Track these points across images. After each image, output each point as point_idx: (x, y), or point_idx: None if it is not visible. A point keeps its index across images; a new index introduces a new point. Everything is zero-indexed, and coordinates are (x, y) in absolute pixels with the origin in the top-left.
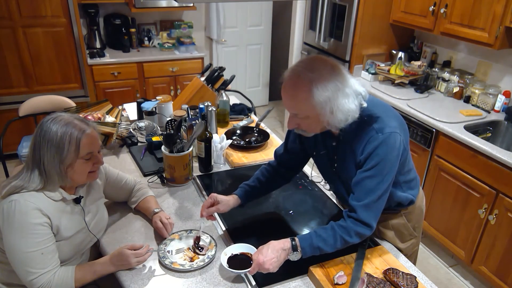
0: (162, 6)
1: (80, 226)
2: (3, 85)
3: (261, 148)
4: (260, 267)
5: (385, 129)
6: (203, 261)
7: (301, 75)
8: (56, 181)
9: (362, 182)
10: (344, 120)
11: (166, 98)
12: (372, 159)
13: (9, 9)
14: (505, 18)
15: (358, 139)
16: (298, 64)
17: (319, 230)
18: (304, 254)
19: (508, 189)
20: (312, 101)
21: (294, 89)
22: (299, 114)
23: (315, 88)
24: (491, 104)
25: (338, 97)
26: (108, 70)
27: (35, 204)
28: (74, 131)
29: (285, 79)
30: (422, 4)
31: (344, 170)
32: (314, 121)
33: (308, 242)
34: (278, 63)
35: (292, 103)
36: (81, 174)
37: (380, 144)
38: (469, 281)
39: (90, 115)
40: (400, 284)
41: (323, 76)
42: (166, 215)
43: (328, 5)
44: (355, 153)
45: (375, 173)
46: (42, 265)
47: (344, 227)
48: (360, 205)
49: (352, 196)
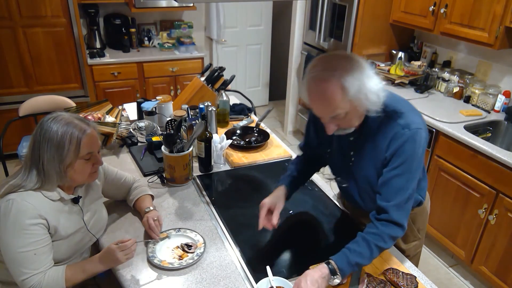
0: (162, 6)
1: (78, 226)
2: (3, 85)
3: (261, 148)
4: None
5: (411, 125)
6: (192, 259)
7: (327, 77)
8: (54, 180)
9: (391, 181)
10: (377, 100)
11: (166, 98)
12: (399, 157)
13: (9, 9)
14: (505, 18)
15: (382, 135)
16: (314, 70)
17: (351, 246)
18: (343, 275)
19: (508, 189)
20: (348, 97)
21: (326, 93)
22: (338, 114)
23: (346, 83)
24: (491, 104)
25: (365, 82)
26: (108, 70)
27: (33, 203)
28: (75, 131)
29: (311, 87)
30: (422, 4)
31: (361, 167)
32: (354, 115)
33: (345, 261)
34: (278, 63)
35: (330, 108)
36: (81, 174)
37: (406, 140)
38: (469, 281)
39: (90, 115)
40: (400, 284)
41: (346, 68)
42: (155, 215)
43: (328, 5)
44: (378, 149)
45: (403, 171)
46: (34, 266)
47: (376, 234)
48: (391, 205)
49: (380, 196)
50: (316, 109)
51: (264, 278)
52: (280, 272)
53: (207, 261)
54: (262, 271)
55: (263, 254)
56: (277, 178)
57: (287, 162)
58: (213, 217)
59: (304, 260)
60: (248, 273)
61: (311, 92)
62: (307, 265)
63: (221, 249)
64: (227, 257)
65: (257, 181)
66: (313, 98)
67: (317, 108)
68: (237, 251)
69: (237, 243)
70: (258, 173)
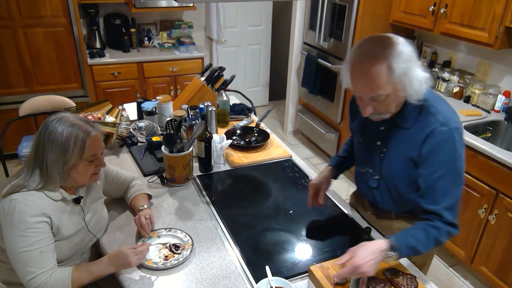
0: (162, 6)
1: (79, 226)
2: (3, 85)
3: (261, 148)
4: (355, 270)
5: (450, 123)
6: (177, 260)
7: (375, 55)
8: (57, 181)
9: (435, 184)
10: (419, 89)
11: (166, 98)
12: (438, 156)
13: (9, 9)
14: (505, 18)
15: (417, 128)
16: (363, 47)
17: (410, 230)
18: (400, 254)
19: (508, 189)
20: (392, 78)
21: (372, 70)
22: (379, 96)
23: (393, 62)
24: (491, 104)
25: (412, 67)
26: (108, 70)
27: (35, 203)
28: (80, 132)
29: (356, 63)
30: (422, 4)
31: (390, 159)
32: (393, 99)
33: (404, 241)
34: (278, 63)
35: (372, 87)
36: (84, 176)
37: (445, 140)
38: (469, 281)
39: (90, 115)
40: (400, 284)
41: (396, 49)
42: (147, 213)
43: (328, 5)
44: (411, 142)
45: (446, 172)
46: (40, 265)
47: (435, 227)
48: (440, 208)
49: (426, 200)
50: (357, 87)
51: (264, 278)
52: (280, 272)
53: (207, 261)
54: (262, 271)
55: (263, 254)
56: (277, 178)
57: (287, 162)
58: (213, 217)
59: (304, 260)
60: (248, 273)
61: (355, 68)
62: (307, 265)
63: (221, 249)
64: (227, 257)
65: (257, 181)
66: (357, 74)
67: (358, 86)
68: (237, 251)
69: (237, 243)
70: (258, 173)
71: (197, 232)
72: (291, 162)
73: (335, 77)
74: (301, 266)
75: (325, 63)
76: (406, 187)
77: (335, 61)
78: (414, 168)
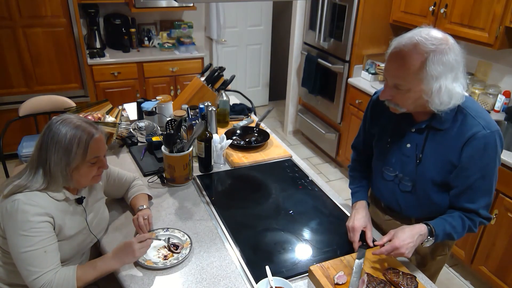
0: (162, 6)
1: (81, 226)
2: (3, 85)
3: (261, 148)
4: (395, 251)
5: (492, 126)
6: (176, 259)
7: (420, 44)
8: (60, 182)
9: (475, 184)
10: (447, 102)
11: (166, 98)
12: (482, 159)
13: (9, 9)
14: (505, 18)
15: (457, 130)
16: (416, 32)
17: (448, 218)
18: (436, 239)
19: (508, 189)
20: (422, 74)
21: (407, 56)
22: (401, 85)
23: (430, 60)
24: (491, 104)
25: (449, 76)
26: (108, 70)
27: (38, 203)
28: (83, 134)
29: (398, 45)
30: (422, 4)
31: (426, 161)
32: (414, 96)
33: (441, 228)
34: (278, 63)
35: (400, 72)
36: (86, 177)
37: (489, 142)
38: (469, 281)
39: (90, 115)
40: (400, 284)
41: (443, 50)
42: (146, 213)
43: (328, 5)
44: (450, 144)
45: (486, 173)
46: (44, 264)
47: (471, 220)
48: (478, 206)
49: (464, 198)
50: (388, 68)
51: (264, 278)
52: (280, 272)
53: (207, 261)
54: (262, 271)
55: (263, 254)
56: (277, 178)
57: (287, 162)
58: (213, 217)
59: (304, 260)
60: (248, 273)
61: (396, 48)
62: (307, 265)
63: (221, 249)
64: (227, 257)
65: (257, 181)
66: (393, 55)
67: (389, 66)
68: (237, 251)
69: (237, 243)
70: (258, 173)
71: (197, 232)
72: (291, 162)
73: (335, 77)
74: (301, 266)
75: (325, 63)
76: (437, 191)
77: (335, 61)
78: (450, 171)
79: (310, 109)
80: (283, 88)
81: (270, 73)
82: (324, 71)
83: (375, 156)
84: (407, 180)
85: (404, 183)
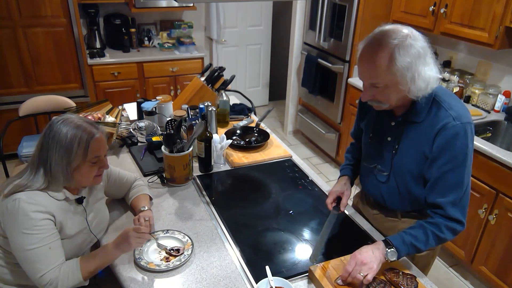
0: (162, 6)
1: (82, 226)
2: (3, 85)
3: (261, 148)
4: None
5: (463, 118)
6: (179, 261)
7: (382, 41)
8: (61, 182)
9: (444, 176)
10: (424, 88)
11: (166, 98)
12: (450, 150)
13: (9, 9)
14: (505, 18)
15: (429, 123)
16: (377, 32)
17: (407, 229)
18: (400, 253)
19: (508, 189)
20: (393, 68)
21: (374, 56)
22: (378, 83)
23: (397, 53)
24: (491, 104)
25: (419, 63)
26: (108, 70)
27: (39, 202)
28: (84, 134)
29: (364, 47)
30: (422, 4)
31: (402, 155)
32: (393, 90)
33: (399, 239)
34: (278, 63)
35: (372, 72)
36: (87, 177)
37: (458, 134)
38: (469, 281)
39: (90, 115)
40: (400, 284)
41: (405, 41)
42: (147, 215)
43: (328, 5)
44: (422, 137)
45: (456, 165)
46: (50, 261)
47: (433, 224)
48: (446, 201)
49: (433, 193)
50: (359, 70)
51: (264, 278)
52: (280, 272)
53: (207, 261)
54: (262, 271)
55: (263, 254)
56: (277, 178)
57: (287, 162)
58: (213, 217)
59: (304, 261)
60: (248, 273)
61: (362, 52)
62: (307, 265)
63: (221, 249)
64: (227, 257)
65: (257, 181)
66: (362, 57)
67: (361, 69)
68: (237, 251)
69: (237, 243)
70: (258, 173)
71: (197, 232)
72: (291, 162)
73: (335, 77)
74: (301, 266)
75: (325, 63)
76: (415, 183)
77: (335, 61)
78: (424, 163)
79: (310, 109)
80: (283, 88)
81: (270, 73)
82: (324, 71)
83: (362, 151)
84: (383, 171)
85: (380, 174)
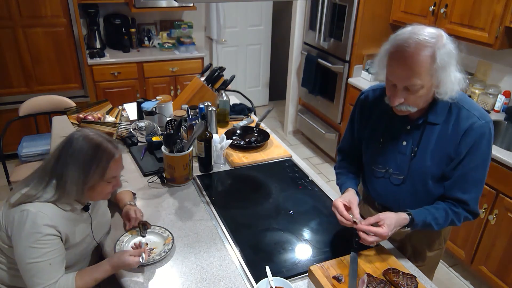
0: (162, 6)
1: (86, 233)
2: (3, 85)
3: (261, 148)
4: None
5: (486, 117)
6: (159, 255)
7: (423, 41)
8: (73, 197)
9: (470, 174)
10: (452, 89)
11: (166, 98)
12: (478, 148)
13: (9, 9)
14: (505, 18)
15: (453, 124)
16: (409, 32)
17: (431, 209)
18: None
19: (508, 189)
20: (433, 68)
21: (415, 55)
22: (415, 84)
23: (437, 52)
24: (491, 104)
25: (452, 63)
26: (108, 70)
27: (47, 215)
28: (104, 155)
29: (398, 50)
30: (422, 4)
31: (423, 156)
32: (426, 92)
33: (422, 217)
34: (278, 63)
35: (412, 73)
36: (101, 195)
37: (485, 132)
38: (469, 281)
39: (90, 115)
40: (400, 284)
41: (442, 40)
42: (139, 210)
43: (328, 5)
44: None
45: (480, 163)
46: (48, 276)
47: (456, 213)
48: (470, 197)
49: (456, 188)
50: (395, 73)
51: (264, 278)
52: (280, 272)
53: (207, 261)
54: (262, 271)
55: (263, 254)
56: (277, 178)
57: (287, 162)
58: (213, 217)
59: (304, 260)
60: (248, 273)
61: (397, 52)
62: (307, 265)
63: (221, 249)
64: (227, 257)
65: (257, 181)
66: (398, 59)
67: (396, 71)
68: (237, 251)
69: (237, 243)
70: (258, 173)
71: (197, 232)
72: (291, 162)
73: (335, 77)
74: (301, 266)
75: (325, 63)
76: (435, 184)
77: (335, 61)
78: (448, 164)
79: (310, 109)
80: (283, 88)
81: (270, 73)
82: (324, 71)
83: (367, 157)
84: (398, 174)
85: (394, 177)
